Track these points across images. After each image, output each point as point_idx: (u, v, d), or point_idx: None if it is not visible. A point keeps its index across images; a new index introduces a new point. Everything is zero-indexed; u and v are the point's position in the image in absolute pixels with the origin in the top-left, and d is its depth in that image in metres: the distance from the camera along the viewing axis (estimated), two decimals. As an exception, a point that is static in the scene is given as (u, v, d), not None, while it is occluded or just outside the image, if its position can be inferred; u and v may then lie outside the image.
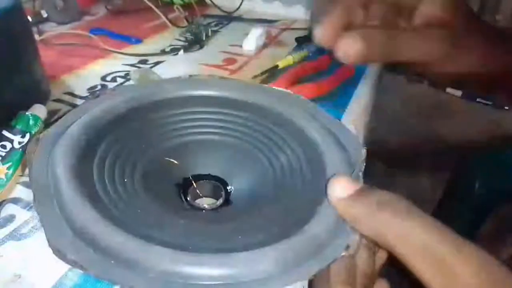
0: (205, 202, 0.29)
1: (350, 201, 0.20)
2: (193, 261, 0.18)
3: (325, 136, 0.26)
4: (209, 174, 0.30)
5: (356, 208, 0.20)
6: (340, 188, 0.21)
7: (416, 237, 0.17)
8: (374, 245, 0.23)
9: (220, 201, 0.28)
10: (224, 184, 0.29)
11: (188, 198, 0.28)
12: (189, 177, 0.29)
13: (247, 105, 0.30)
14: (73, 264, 0.18)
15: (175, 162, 0.29)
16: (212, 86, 0.31)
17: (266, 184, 0.27)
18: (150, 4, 0.60)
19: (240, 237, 0.21)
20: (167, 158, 0.28)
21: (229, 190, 0.29)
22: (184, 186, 0.29)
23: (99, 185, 0.23)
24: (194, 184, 0.29)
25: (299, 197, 0.25)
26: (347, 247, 0.20)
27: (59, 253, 0.19)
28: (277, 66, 0.51)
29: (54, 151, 0.23)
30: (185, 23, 0.65)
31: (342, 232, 0.21)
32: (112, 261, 0.18)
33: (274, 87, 0.32)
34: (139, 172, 0.26)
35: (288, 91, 0.31)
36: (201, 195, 0.29)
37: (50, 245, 0.19)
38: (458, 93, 0.91)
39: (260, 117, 0.30)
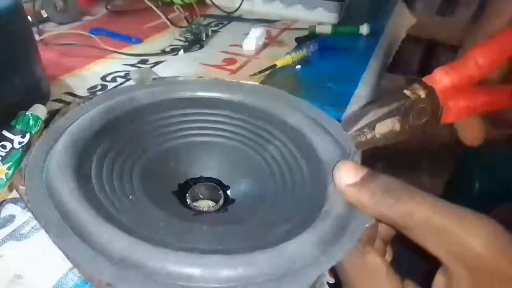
0: (205, 205, 0.29)
1: (357, 188, 0.21)
2: (196, 262, 0.18)
3: (317, 132, 0.27)
4: (207, 177, 0.30)
5: (363, 194, 0.20)
6: (346, 175, 0.21)
7: (420, 212, 0.18)
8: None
9: (220, 203, 0.28)
10: (223, 186, 0.29)
11: (188, 201, 0.28)
12: (188, 180, 0.29)
13: (244, 106, 0.30)
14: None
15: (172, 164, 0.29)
16: (209, 88, 0.31)
17: (265, 181, 0.28)
18: (150, 4, 0.60)
19: (245, 238, 0.21)
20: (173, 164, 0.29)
21: (228, 192, 0.29)
22: (183, 189, 0.28)
23: (97, 188, 0.23)
24: (193, 186, 0.29)
25: (300, 194, 0.25)
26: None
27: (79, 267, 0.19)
28: (275, 65, 0.51)
29: (51, 154, 0.23)
30: (185, 23, 0.65)
31: (347, 232, 0.20)
32: (108, 263, 0.18)
33: (269, 87, 0.32)
34: (137, 174, 0.26)
35: (284, 92, 0.31)
36: (201, 197, 0.29)
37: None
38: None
39: (255, 118, 0.30)
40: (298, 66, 0.54)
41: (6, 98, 0.35)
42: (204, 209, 0.28)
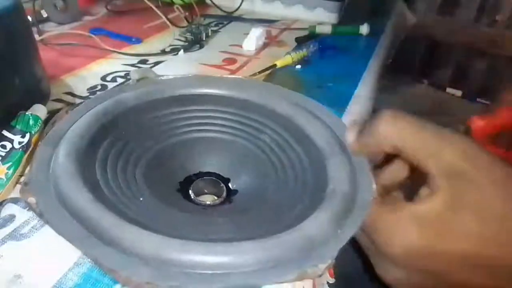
0: (208, 199, 0.29)
1: (359, 138, 0.26)
2: (228, 250, 0.18)
3: (325, 135, 0.27)
4: (211, 172, 0.30)
5: (363, 138, 0.26)
6: (349, 134, 0.27)
7: (408, 135, 0.23)
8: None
9: (222, 198, 0.29)
10: (226, 181, 0.30)
11: (192, 196, 0.28)
12: (191, 174, 0.29)
13: (249, 104, 0.30)
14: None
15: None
16: (213, 85, 0.31)
17: (267, 178, 0.28)
18: (150, 4, 0.60)
19: (261, 224, 0.22)
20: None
21: (231, 187, 0.30)
22: (185, 183, 0.29)
23: (107, 192, 0.23)
24: (196, 181, 0.29)
25: (302, 178, 0.26)
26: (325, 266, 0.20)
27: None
28: (275, 65, 0.51)
29: (57, 151, 0.23)
30: (185, 23, 0.65)
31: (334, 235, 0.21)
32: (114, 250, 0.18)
33: (275, 85, 0.32)
34: (142, 169, 0.27)
35: (289, 90, 0.32)
36: (204, 191, 0.30)
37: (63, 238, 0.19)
38: (458, 93, 0.90)
39: (261, 115, 0.30)
40: (298, 66, 0.54)
41: (6, 98, 0.35)
42: (209, 203, 0.28)
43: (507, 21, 0.91)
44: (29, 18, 0.55)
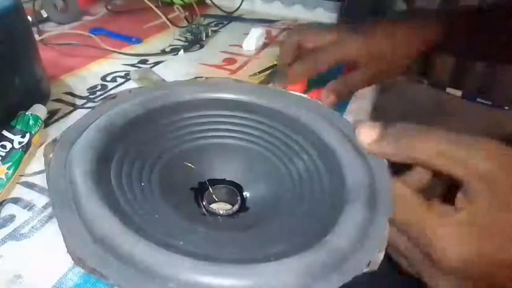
0: (221, 207, 0.29)
1: (377, 143, 0.24)
2: (214, 271, 0.18)
3: (343, 143, 0.26)
4: (224, 179, 0.29)
5: (384, 147, 0.24)
6: (365, 135, 0.25)
7: (439, 145, 0.22)
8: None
9: (236, 207, 0.28)
10: (240, 189, 0.29)
11: (204, 203, 0.27)
12: (205, 182, 0.29)
13: (264, 110, 0.29)
14: (93, 272, 0.18)
15: (192, 166, 0.28)
16: (228, 90, 0.30)
17: (283, 190, 0.27)
18: (150, 4, 0.60)
19: (260, 246, 0.21)
20: (185, 162, 0.28)
21: (245, 196, 0.29)
22: (199, 191, 0.28)
23: (117, 190, 0.22)
24: (210, 188, 0.28)
25: (318, 204, 0.24)
26: (369, 263, 0.19)
27: (79, 261, 0.18)
28: (275, 65, 0.51)
29: (71, 155, 0.23)
30: (185, 23, 0.65)
31: (364, 244, 0.20)
32: (132, 270, 0.18)
33: (291, 91, 0.32)
34: (156, 176, 0.26)
35: (305, 95, 0.31)
36: (216, 200, 0.29)
37: (69, 252, 0.18)
38: (458, 93, 0.90)
39: (277, 122, 0.29)
40: (298, 66, 0.54)
41: (6, 98, 0.35)
42: (225, 212, 0.27)
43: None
44: (29, 18, 0.55)
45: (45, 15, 0.64)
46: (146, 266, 0.18)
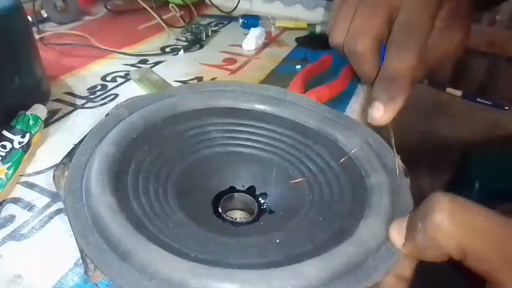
0: (238, 215, 0.29)
1: (405, 246, 0.21)
2: (232, 278, 0.18)
3: (365, 152, 0.26)
4: (242, 187, 0.29)
5: (414, 250, 0.20)
6: (396, 237, 0.21)
7: (465, 243, 0.18)
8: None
9: (254, 215, 0.28)
10: (257, 198, 0.29)
11: (220, 211, 0.27)
12: (222, 190, 0.28)
13: (282, 120, 0.30)
14: None
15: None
16: (247, 99, 0.31)
17: (301, 200, 0.27)
18: (143, 4, 0.60)
19: (278, 252, 0.21)
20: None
21: (262, 205, 0.28)
22: (217, 199, 0.28)
23: (134, 200, 0.22)
24: (227, 196, 0.28)
25: (337, 215, 0.24)
26: (389, 267, 0.20)
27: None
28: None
29: (89, 167, 0.23)
30: (183, 23, 0.65)
31: (382, 252, 0.20)
32: (153, 280, 0.18)
33: (311, 100, 0.31)
34: (173, 183, 0.26)
35: (322, 104, 0.31)
36: (234, 208, 0.29)
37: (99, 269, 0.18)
38: (458, 93, 0.90)
39: (296, 132, 0.29)
40: (298, 66, 0.54)
41: (6, 98, 0.35)
42: (238, 220, 0.27)
43: (507, 21, 0.91)
44: (29, 18, 0.55)
45: (45, 15, 0.64)
46: (165, 276, 0.18)
